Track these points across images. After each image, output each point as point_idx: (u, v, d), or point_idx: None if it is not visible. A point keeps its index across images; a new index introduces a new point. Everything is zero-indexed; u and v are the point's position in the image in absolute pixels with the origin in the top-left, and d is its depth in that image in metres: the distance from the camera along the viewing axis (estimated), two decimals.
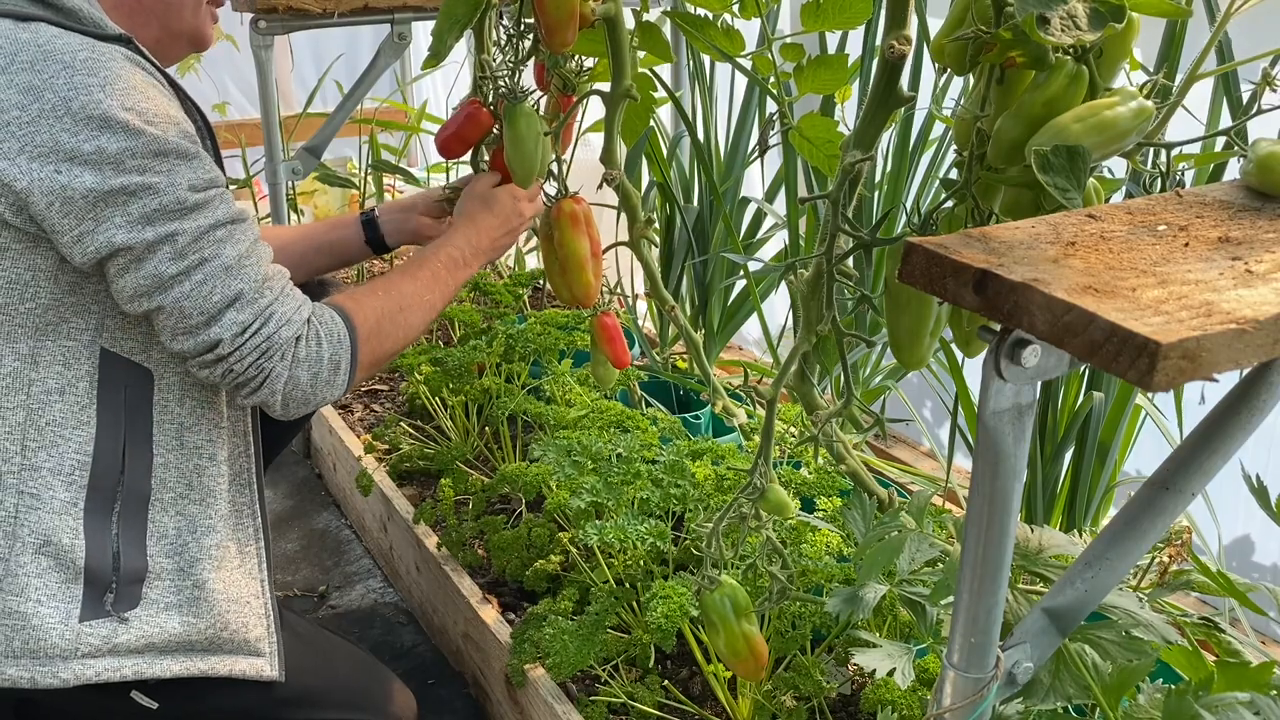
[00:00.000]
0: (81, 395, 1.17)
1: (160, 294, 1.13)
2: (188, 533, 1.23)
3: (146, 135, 1.09)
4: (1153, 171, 1.00)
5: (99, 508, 1.18)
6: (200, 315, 1.14)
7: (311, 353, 1.20)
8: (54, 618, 1.14)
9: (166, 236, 1.11)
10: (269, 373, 1.17)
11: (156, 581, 1.20)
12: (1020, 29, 0.80)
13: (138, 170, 1.09)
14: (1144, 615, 0.94)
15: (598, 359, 1.60)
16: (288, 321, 1.18)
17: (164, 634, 1.19)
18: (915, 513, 1.14)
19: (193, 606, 1.21)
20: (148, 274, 1.12)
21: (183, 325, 1.14)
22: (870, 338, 1.87)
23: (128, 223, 1.10)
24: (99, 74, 1.08)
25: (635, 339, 2.42)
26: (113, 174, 1.08)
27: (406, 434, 2.33)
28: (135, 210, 1.10)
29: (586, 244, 1.44)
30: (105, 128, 1.08)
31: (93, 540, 1.17)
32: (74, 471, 1.16)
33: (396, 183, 3.48)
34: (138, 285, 1.12)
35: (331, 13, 2.22)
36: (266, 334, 1.16)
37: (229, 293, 1.14)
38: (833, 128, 1.24)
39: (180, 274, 1.12)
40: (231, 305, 1.15)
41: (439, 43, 1.26)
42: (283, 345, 1.17)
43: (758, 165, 2.44)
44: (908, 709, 1.27)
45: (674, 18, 1.38)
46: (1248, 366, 0.65)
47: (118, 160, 1.08)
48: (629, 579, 1.58)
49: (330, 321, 1.24)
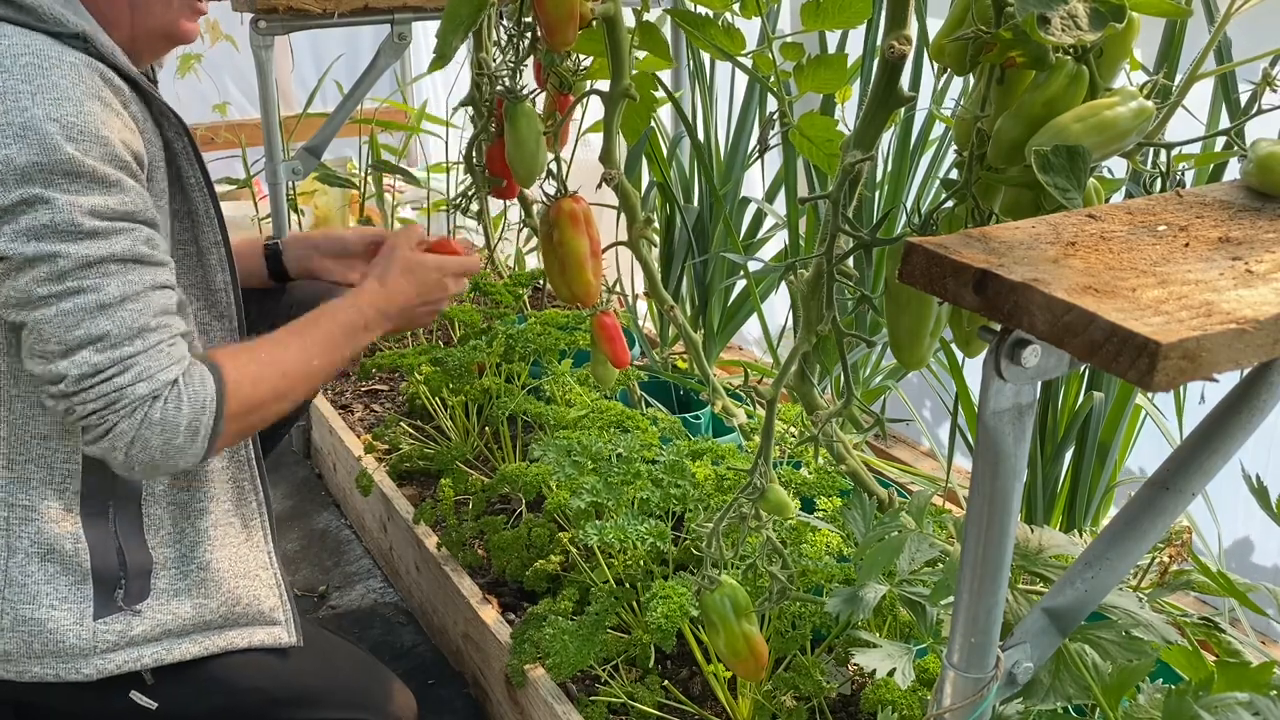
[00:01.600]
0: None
1: (24, 310, 1.07)
2: (182, 519, 1.25)
3: (62, 153, 1.03)
4: (1153, 171, 1.00)
5: (95, 511, 1.19)
6: (56, 344, 1.06)
7: (168, 415, 1.10)
8: (68, 620, 1.17)
9: (48, 255, 1.04)
10: (112, 426, 1.08)
11: (163, 571, 1.23)
12: (1020, 29, 0.80)
13: (41, 183, 1.03)
14: (1144, 615, 0.94)
15: (598, 359, 1.60)
16: (149, 377, 1.09)
17: (177, 619, 1.22)
18: (915, 513, 1.14)
19: (201, 588, 1.24)
20: (18, 288, 1.06)
21: (38, 348, 1.08)
22: (870, 338, 1.87)
23: (14, 233, 1.04)
24: (33, 80, 1.04)
25: (635, 339, 2.42)
26: (15, 185, 1.03)
27: (406, 434, 2.33)
28: (25, 222, 1.04)
29: (586, 243, 1.44)
30: (21, 137, 1.03)
31: (95, 542, 1.19)
32: (64, 480, 1.18)
33: (396, 183, 3.48)
34: (6, 296, 1.07)
35: (331, 13, 2.22)
36: (118, 385, 1.07)
37: (93, 331, 1.06)
38: (833, 127, 1.24)
39: (50, 297, 1.05)
40: (91, 344, 1.07)
41: (444, 44, 1.26)
42: (133, 401, 1.08)
43: (758, 165, 2.44)
44: (908, 709, 1.27)
45: (675, 16, 1.38)
46: (1248, 366, 0.65)
47: (23, 173, 1.03)
48: (629, 579, 1.58)
49: (199, 384, 1.13)
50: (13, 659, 1.16)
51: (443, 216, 3.29)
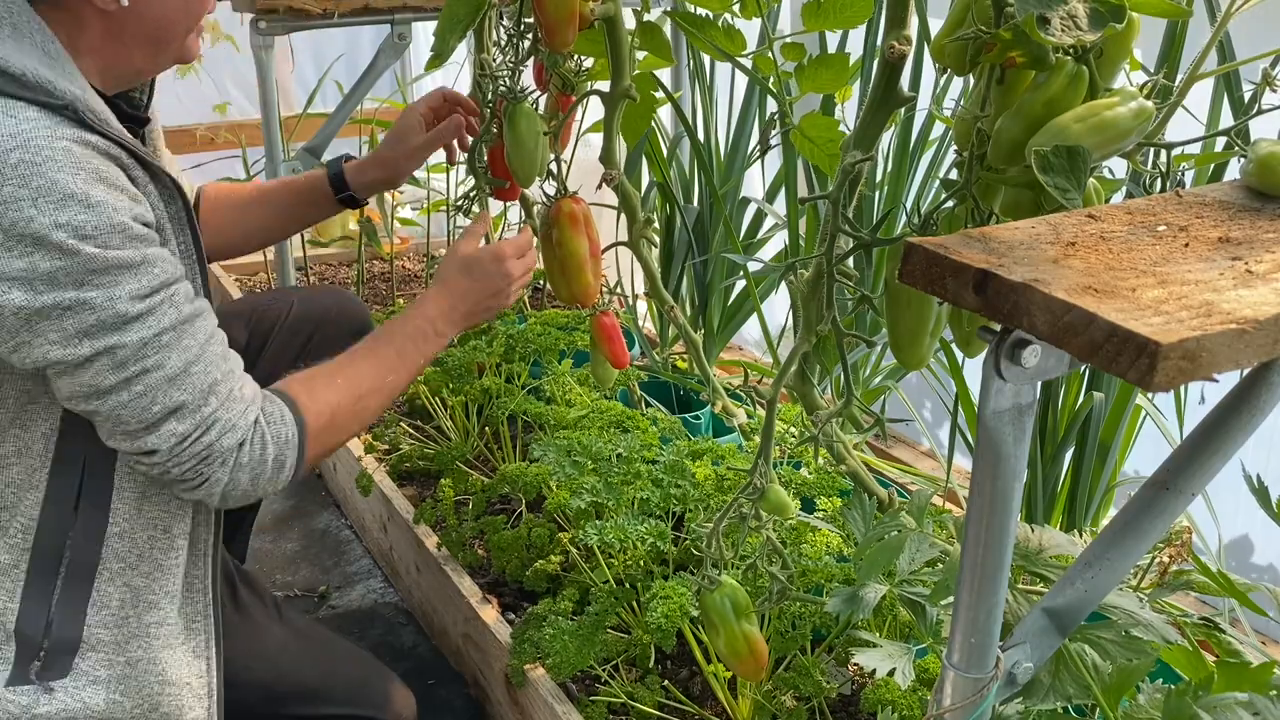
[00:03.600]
0: (35, 457, 1.12)
1: (97, 400, 1.07)
2: (130, 606, 1.17)
3: (82, 254, 1.01)
4: (1153, 171, 1.00)
5: (41, 572, 1.13)
6: (138, 424, 1.08)
7: (254, 456, 1.14)
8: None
9: (105, 350, 1.04)
10: (208, 477, 1.12)
11: (90, 653, 1.14)
12: (1020, 29, 0.80)
13: (74, 285, 1.01)
14: (1144, 615, 0.94)
15: (597, 359, 1.60)
16: (232, 428, 1.12)
17: (86, 710, 1.13)
18: (915, 513, 1.14)
19: (121, 684, 1.15)
20: (83, 383, 1.06)
21: (120, 429, 1.09)
22: (870, 338, 1.87)
23: (63, 338, 1.03)
24: (31, 183, 0.98)
25: (635, 339, 2.42)
26: (46, 290, 1.01)
27: (406, 434, 2.33)
28: (70, 325, 1.03)
29: (585, 244, 1.44)
30: (38, 246, 0.99)
31: (27, 605, 1.12)
32: (18, 534, 1.12)
33: None
34: (73, 390, 1.07)
35: (331, 13, 2.22)
36: (207, 442, 1.11)
37: (170, 404, 1.08)
38: (833, 127, 1.24)
39: (119, 384, 1.06)
40: (172, 415, 1.09)
41: (441, 43, 1.26)
42: (224, 452, 1.12)
43: (758, 165, 2.44)
44: (908, 709, 1.27)
45: (675, 17, 1.38)
46: (1248, 366, 0.65)
47: (50, 277, 1.00)
48: (629, 579, 1.58)
49: (279, 421, 1.17)
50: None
51: (442, 217, 3.29)
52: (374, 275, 3.40)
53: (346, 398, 1.25)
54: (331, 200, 1.65)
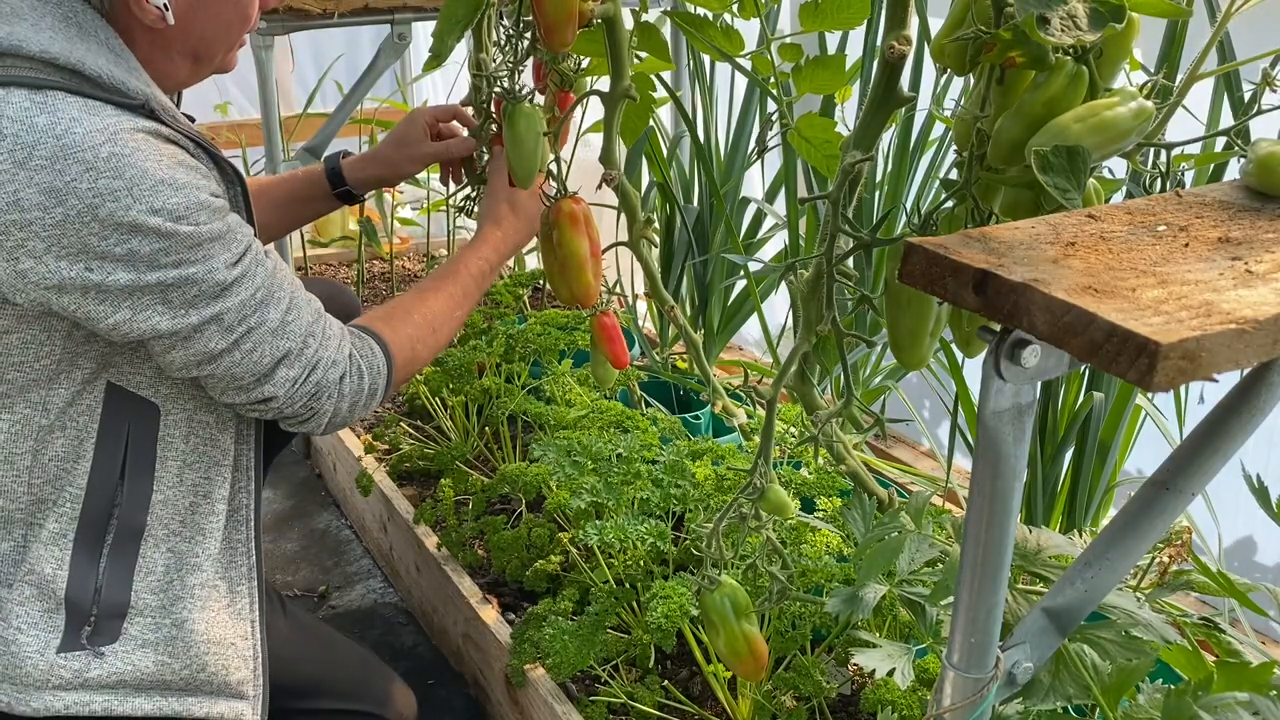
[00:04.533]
0: (81, 429, 1.15)
1: (211, 364, 1.15)
2: (174, 570, 1.21)
3: (179, 235, 1.07)
4: (1153, 171, 1.00)
5: (88, 540, 1.16)
6: (252, 377, 1.17)
7: (353, 386, 1.26)
8: (32, 646, 1.13)
9: (212, 318, 1.12)
10: (317, 410, 1.23)
11: (138, 618, 1.18)
12: (1020, 29, 0.80)
13: (174, 265, 1.08)
14: (1144, 615, 0.94)
15: (597, 359, 1.60)
16: (333, 364, 1.23)
17: (136, 672, 1.17)
18: (915, 513, 1.14)
19: (169, 646, 1.19)
20: (197, 351, 1.13)
21: (235, 385, 1.17)
22: (870, 338, 1.87)
23: (169, 309, 1.10)
24: (124, 175, 1.04)
25: (635, 339, 2.42)
26: (147, 270, 1.07)
27: (406, 434, 2.33)
28: (176, 298, 1.10)
29: (586, 244, 1.44)
30: (136, 232, 1.05)
31: (76, 572, 1.15)
32: (67, 504, 1.15)
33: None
34: (187, 360, 1.14)
35: (331, 13, 2.22)
36: (316, 380, 1.21)
37: (278, 353, 1.18)
38: (831, 128, 1.24)
39: (230, 346, 1.14)
40: (281, 363, 1.18)
41: (440, 44, 1.26)
42: (330, 386, 1.23)
43: (758, 165, 2.44)
44: (908, 709, 1.27)
45: (673, 18, 1.38)
46: (1248, 367, 0.65)
47: (151, 259, 1.07)
48: (629, 579, 1.58)
49: (370, 354, 1.29)
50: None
51: (442, 217, 3.29)
52: (374, 275, 3.40)
53: (424, 330, 1.38)
54: (329, 195, 1.68)
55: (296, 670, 1.36)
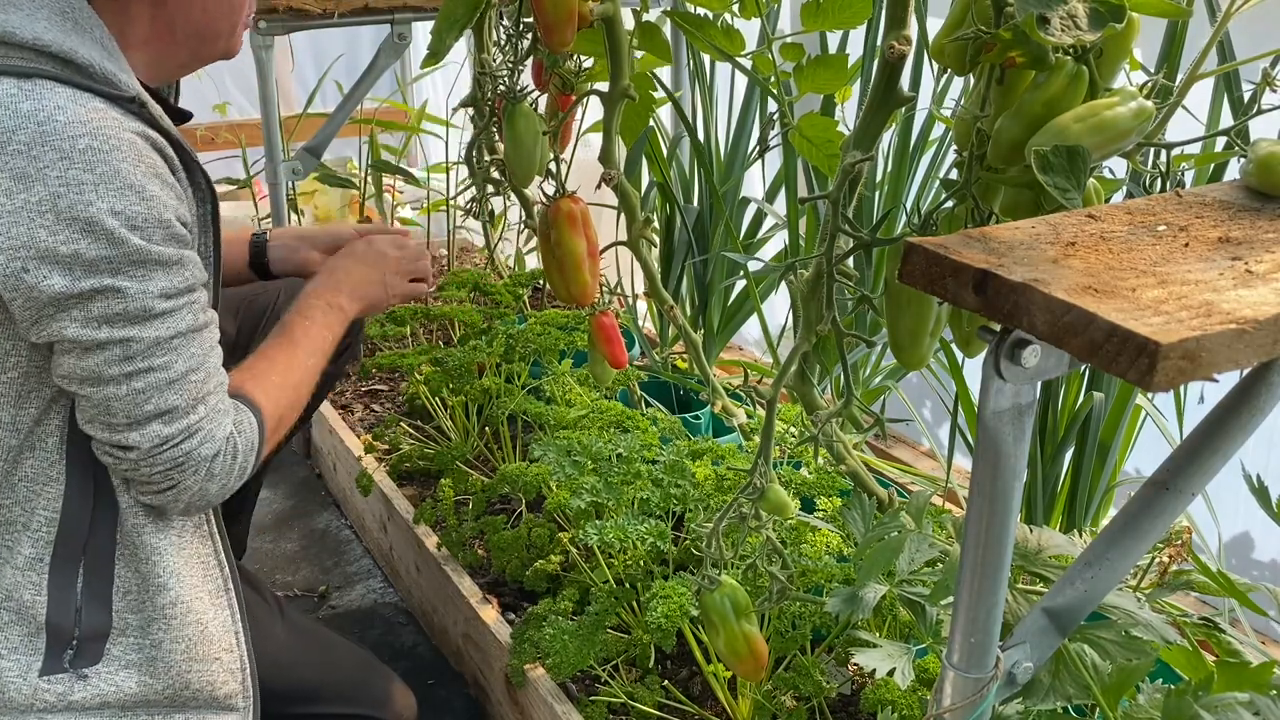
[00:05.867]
0: (50, 451, 1.13)
1: (92, 386, 1.07)
2: (142, 591, 1.18)
3: (129, 245, 1.03)
4: (1153, 171, 1.00)
5: (65, 563, 1.14)
6: (125, 419, 1.09)
7: (225, 466, 1.15)
8: (13, 671, 1.12)
9: (120, 340, 1.06)
10: (177, 483, 1.12)
11: (120, 638, 1.16)
12: (1020, 29, 0.80)
13: (110, 273, 1.04)
14: (1144, 615, 0.94)
15: (595, 358, 1.60)
16: (211, 439, 1.13)
17: (120, 693, 1.15)
18: (915, 513, 1.14)
19: (150, 666, 1.17)
20: (86, 368, 1.07)
21: (103, 419, 1.09)
22: (870, 338, 1.87)
23: (85, 318, 1.04)
24: (95, 170, 1.02)
25: (635, 339, 2.42)
26: (83, 276, 1.03)
27: (406, 434, 2.33)
28: (96, 309, 1.04)
29: (584, 244, 1.44)
30: (88, 232, 1.02)
31: (55, 596, 1.13)
32: (41, 528, 1.13)
33: (396, 183, 3.48)
34: (73, 371, 1.07)
35: (331, 13, 2.22)
36: (185, 450, 1.11)
37: (162, 406, 1.09)
38: (833, 128, 1.24)
39: (121, 376, 1.07)
40: (159, 418, 1.10)
41: (438, 42, 1.26)
42: (198, 462, 1.12)
43: (758, 165, 2.44)
44: (908, 709, 1.27)
45: (674, 17, 1.38)
46: (1248, 367, 0.65)
47: (92, 265, 1.03)
48: (629, 579, 1.58)
49: (247, 429, 1.19)
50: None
51: (442, 217, 3.29)
52: None
53: (290, 393, 1.29)
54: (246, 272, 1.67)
55: (295, 676, 1.36)
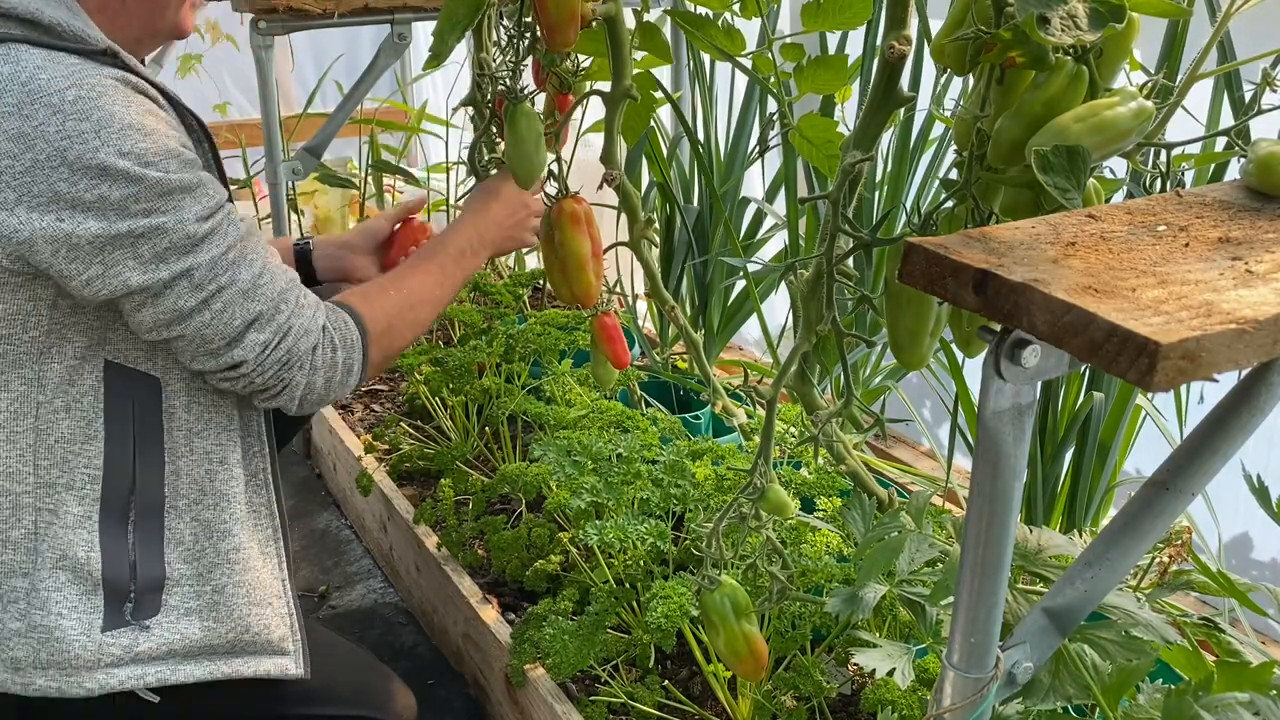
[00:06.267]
0: (87, 409, 1.16)
1: (180, 325, 1.13)
2: (204, 538, 1.22)
3: (148, 179, 1.07)
4: (1153, 171, 1.00)
5: (113, 519, 1.17)
6: (222, 340, 1.15)
7: (326, 359, 1.23)
8: (75, 630, 1.15)
9: (182, 273, 1.11)
10: (289, 381, 1.21)
11: (175, 588, 1.20)
12: (1020, 29, 0.80)
13: (143, 213, 1.07)
14: (1144, 615, 0.94)
15: (598, 359, 1.60)
16: (305, 333, 1.21)
17: (185, 640, 1.20)
18: (915, 513, 1.14)
19: (213, 611, 1.21)
20: (166, 309, 1.12)
21: (205, 349, 1.16)
22: (870, 338, 1.87)
23: (140, 264, 1.09)
24: (91, 117, 1.04)
25: (635, 339, 2.42)
26: (117, 219, 1.06)
27: (406, 434, 2.33)
28: (146, 251, 1.09)
29: (587, 244, 1.44)
30: (105, 176, 1.05)
31: (108, 552, 1.17)
32: (85, 485, 1.16)
33: (396, 183, 3.48)
34: (156, 319, 1.13)
35: (331, 13, 2.22)
36: (286, 347, 1.19)
37: (248, 315, 1.16)
38: (833, 128, 1.24)
39: (199, 305, 1.13)
40: (251, 326, 1.16)
41: (440, 43, 1.25)
42: (301, 356, 1.20)
43: (758, 165, 2.44)
44: (908, 709, 1.27)
45: (675, 17, 1.38)
46: (1248, 367, 0.65)
47: (121, 205, 1.06)
48: (629, 579, 1.58)
49: (344, 327, 1.27)
50: (21, 668, 1.15)
51: (443, 216, 3.29)
52: None
53: (400, 307, 1.36)
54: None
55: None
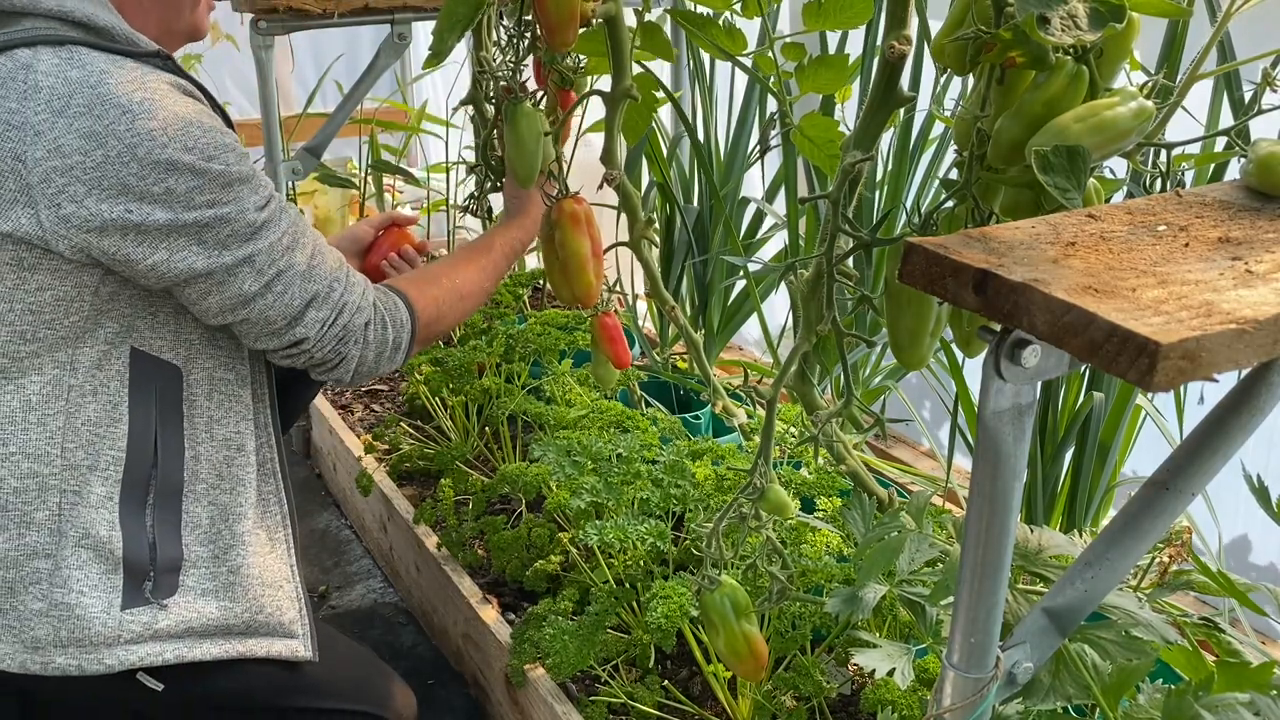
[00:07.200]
0: (114, 394, 1.20)
1: (245, 308, 1.20)
2: (220, 521, 1.27)
3: (211, 173, 1.13)
4: (1153, 171, 1.00)
5: (134, 500, 1.22)
6: (284, 320, 1.22)
7: (378, 335, 1.31)
8: (96, 607, 1.18)
9: (245, 259, 1.17)
10: (345, 355, 1.28)
11: (193, 569, 1.25)
12: (1020, 29, 0.80)
13: (208, 205, 1.14)
14: (1144, 615, 0.94)
15: (598, 359, 1.60)
16: (359, 309, 1.28)
17: (202, 619, 1.24)
18: (915, 513, 1.14)
19: (229, 591, 1.26)
20: (232, 294, 1.18)
21: (268, 329, 1.22)
22: (870, 338, 1.87)
23: (204, 249, 1.15)
24: (158, 117, 1.11)
25: (635, 339, 2.42)
26: (184, 210, 1.12)
27: (406, 434, 2.33)
28: (210, 238, 1.15)
29: (587, 244, 1.44)
30: (172, 171, 1.11)
31: (129, 532, 1.21)
32: (109, 467, 1.20)
33: (396, 183, 3.48)
34: (223, 304, 1.19)
35: (331, 13, 2.22)
36: (343, 323, 1.26)
37: (307, 295, 1.23)
38: (833, 127, 1.24)
39: (263, 288, 1.19)
40: (310, 305, 1.23)
41: (440, 42, 1.25)
42: (356, 331, 1.28)
43: (758, 165, 2.44)
44: (908, 709, 1.27)
45: (676, 16, 1.38)
46: (1248, 367, 0.65)
47: (187, 198, 1.12)
48: (629, 579, 1.58)
49: (394, 308, 1.34)
50: (41, 647, 1.18)
51: (442, 216, 3.29)
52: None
53: (450, 295, 1.43)
54: None
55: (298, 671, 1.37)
